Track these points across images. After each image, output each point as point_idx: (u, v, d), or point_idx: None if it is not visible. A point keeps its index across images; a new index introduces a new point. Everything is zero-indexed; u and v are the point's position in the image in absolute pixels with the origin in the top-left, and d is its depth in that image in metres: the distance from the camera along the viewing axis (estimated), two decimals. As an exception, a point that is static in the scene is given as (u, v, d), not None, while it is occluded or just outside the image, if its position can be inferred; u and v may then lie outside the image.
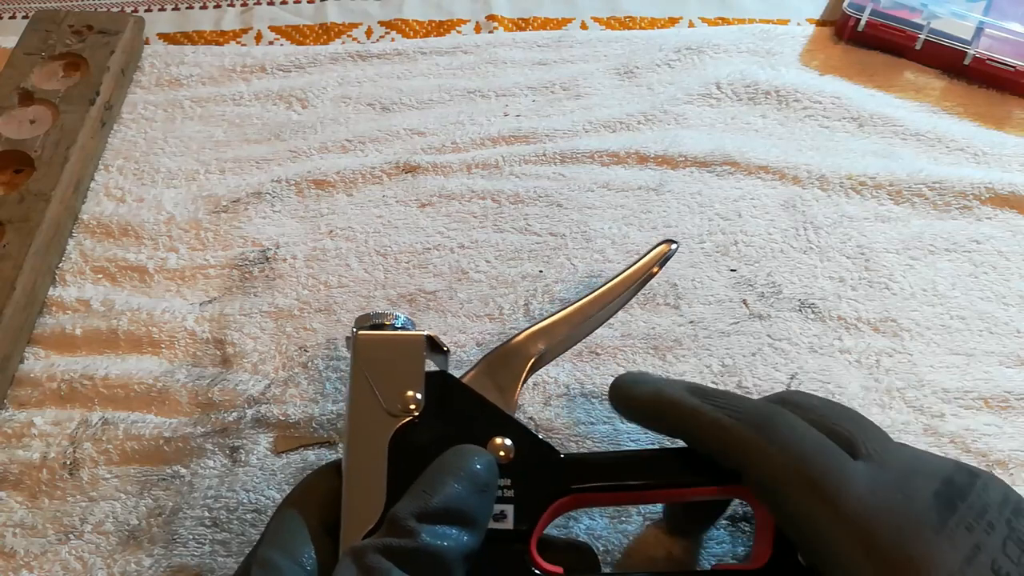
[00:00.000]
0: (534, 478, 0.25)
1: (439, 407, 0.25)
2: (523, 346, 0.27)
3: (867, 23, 0.45)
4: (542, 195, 0.40)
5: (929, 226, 0.39)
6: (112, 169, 0.42)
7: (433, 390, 0.25)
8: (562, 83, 0.45)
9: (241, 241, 0.39)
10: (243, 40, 0.48)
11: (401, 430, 0.25)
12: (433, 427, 0.25)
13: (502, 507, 0.24)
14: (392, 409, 0.25)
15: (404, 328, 0.27)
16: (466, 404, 0.26)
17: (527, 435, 0.25)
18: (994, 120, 0.43)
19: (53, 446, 0.33)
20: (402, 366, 0.26)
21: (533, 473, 0.25)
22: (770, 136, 0.42)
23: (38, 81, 0.42)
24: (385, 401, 0.25)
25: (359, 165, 0.41)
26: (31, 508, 0.31)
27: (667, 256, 0.30)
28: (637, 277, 0.29)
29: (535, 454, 0.25)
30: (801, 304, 0.36)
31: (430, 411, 0.25)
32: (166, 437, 0.33)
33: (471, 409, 0.26)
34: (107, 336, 0.36)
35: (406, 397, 0.25)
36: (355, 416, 0.25)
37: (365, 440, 0.25)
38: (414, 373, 0.26)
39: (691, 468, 0.25)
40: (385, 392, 0.25)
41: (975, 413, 0.33)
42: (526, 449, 0.25)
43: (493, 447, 0.25)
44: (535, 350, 0.27)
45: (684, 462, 0.25)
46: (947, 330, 0.35)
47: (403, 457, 0.24)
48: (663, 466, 0.25)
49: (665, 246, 0.30)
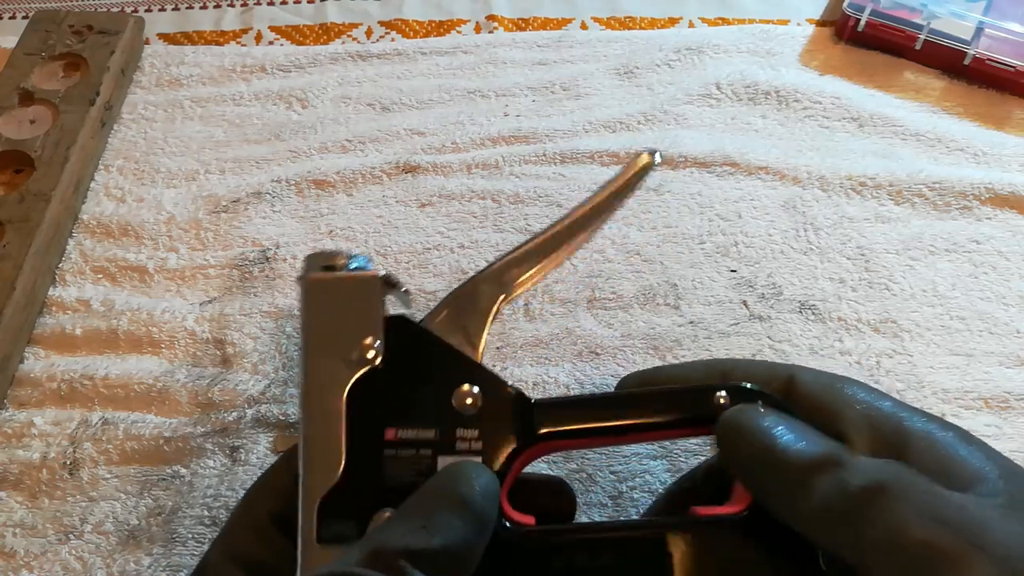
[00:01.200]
0: (503, 427, 0.23)
1: (400, 354, 0.23)
2: (489, 283, 0.25)
3: (867, 23, 0.45)
4: (542, 195, 0.40)
5: (929, 226, 0.39)
6: (112, 169, 0.42)
7: (393, 336, 0.24)
8: (562, 83, 0.45)
9: (241, 241, 0.39)
10: (243, 40, 0.48)
11: (360, 381, 0.23)
12: (394, 377, 0.23)
13: (470, 459, 0.23)
14: (348, 358, 0.23)
15: (360, 268, 0.25)
16: (429, 351, 0.24)
17: (495, 381, 0.24)
18: (994, 120, 0.43)
19: (53, 446, 0.33)
20: (357, 311, 0.24)
21: (502, 421, 0.23)
22: (770, 136, 0.42)
23: (38, 81, 0.42)
24: (340, 351, 0.23)
25: (359, 165, 0.41)
26: (31, 508, 0.31)
27: (649, 169, 0.27)
28: (616, 196, 0.26)
29: (504, 401, 0.24)
30: (801, 305, 0.36)
31: (390, 359, 0.23)
32: (166, 437, 0.33)
33: (434, 356, 0.24)
34: (107, 336, 0.36)
35: (363, 345, 0.23)
36: (310, 367, 0.23)
37: (321, 393, 0.23)
38: (371, 318, 0.24)
39: (664, 408, 0.24)
40: (340, 340, 0.23)
41: (975, 414, 0.33)
42: (494, 396, 0.23)
43: (460, 396, 0.23)
44: (502, 287, 0.25)
45: (657, 403, 0.24)
46: (947, 331, 0.35)
47: (363, 410, 0.23)
48: (636, 407, 0.24)
49: (647, 157, 0.27)
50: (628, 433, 0.24)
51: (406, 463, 0.23)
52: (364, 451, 0.23)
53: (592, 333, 0.35)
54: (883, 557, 0.19)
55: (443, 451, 0.23)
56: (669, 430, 0.24)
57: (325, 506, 0.22)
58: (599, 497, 0.31)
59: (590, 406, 0.25)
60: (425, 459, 0.23)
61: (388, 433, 0.23)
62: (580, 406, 0.25)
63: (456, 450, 0.23)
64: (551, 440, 0.24)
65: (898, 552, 0.19)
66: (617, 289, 0.37)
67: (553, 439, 0.24)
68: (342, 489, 0.22)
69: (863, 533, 0.19)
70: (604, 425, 0.24)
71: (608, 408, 0.24)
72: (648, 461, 0.32)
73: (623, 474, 0.32)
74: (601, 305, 0.36)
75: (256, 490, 0.25)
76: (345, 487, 0.22)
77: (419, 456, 0.23)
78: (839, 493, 0.20)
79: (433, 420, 0.23)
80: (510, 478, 0.24)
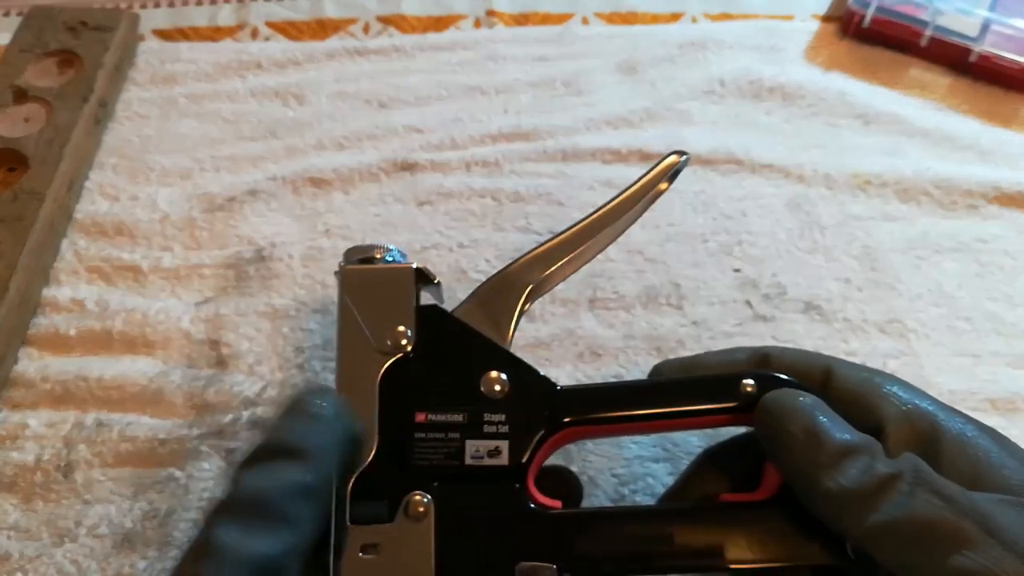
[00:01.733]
0: (530, 412, 0.24)
1: (431, 342, 0.24)
2: (518, 275, 0.26)
3: (872, 19, 0.44)
4: (543, 193, 0.39)
5: (935, 225, 0.38)
6: (106, 167, 0.41)
7: (424, 325, 0.25)
8: (563, 79, 0.44)
9: (236, 240, 0.38)
10: (239, 36, 0.47)
11: (392, 367, 0.24)
12: (425, 363, 0.24)
13: (497, 443, 0.23)
14: (382, 346, 0.24)
15: (396, 262, 0.26)
16: (459, 338, 0.25)
17: (522, 368, 0.25)
18: (1000, 118, 0.42)
19: (47, 448, 0.32)
20: (391, 300, 0.25)
21: (529, 407, 0.24)
22: (774, 134, 0.42)
23: (32, 78, 0.42)
24: (375, 338, 0.24)
25: (356, 163, 0.40)
26: (25, 511, 0.31)
27: (677, 169, 0.27)
28: (643, 194, 0.27)
29: (531, 387, 0.24)
30: (806, 305, 0.36)
31: (421, 347, 0.24)
32: (161, 439, 0.32)
33: (464, 343, 0.25)
34: (101, 337, 0.35)
35: (396, 332, 0.24)
36: (345, 354, 0.24)
37: (355, 379, 0.24)
38: (404, 307, 0.25)
39: (691, 397, 0.24)
40: (374, 328, 0.24)
41: (982, 415, 0.32)
42: (521, 383, 0.24)
43: (488, 382, 0.24)
44: (531, 279, 0.26)
45: (682, 391, 0.25)
46: (953, 331, 0.35)
47: (395, 395, 0.24)
48: (663, 395, 0.25)
49: (675, 157, 0.27)
50: (654, 421, 0.25)
51: (435, 446, 0.23)
52: (395, 434, 0.24)
53: (594, 334, 0.35)
54: (888, 538, 0.19)
55: (471, 435, 0.24)
56: (696, 418, 0.24)
57: (357, 487, 0.23)
58: (600, 500, 0.31)
59: (616, 394, 0.25)
60: (453, 442, 0.24)
61: (418, 417, 0.24)
62: (606, 394, 0.25)
63: (484, 433, 0.24)
64: (577, 426, 0.24)
65: (903, 531, 0.19)
66: (619, 289, 0.36)
67: (579, 425, 0.24)
68: (374, 471, 0.23)
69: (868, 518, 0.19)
70: (630, 413, 0.24)
71: (634, 396, 0.25)
72: (650, 464, 0.32)
73: (625, 477, 0.31)
74: (603, 305, 0.36)
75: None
76: (377, 469, 0.23)
77: (447, 439, 0.24)
78: (864, 478, 0.20)
79: (461, 405, 0.24)
80: (536, 463, 0.24)
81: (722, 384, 0.24)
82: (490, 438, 0.23)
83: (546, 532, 0.23)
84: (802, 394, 0.23)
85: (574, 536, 0.23)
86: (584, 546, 0.23)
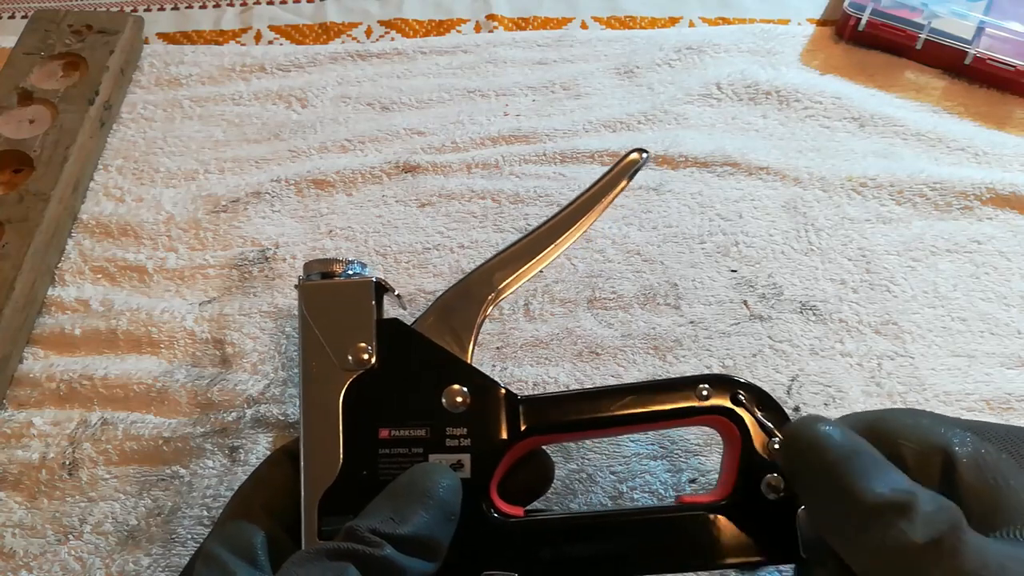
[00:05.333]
0: (491, 424, 0.24)
1: (392, 357, 0.25)
2: (477, 286, 0.26)
3: (868, 23, 0.45)
4: (542, 195, 0.40)
5: (930, 227, 0.39)
6: (111, 169, 0.42)
7: (385, 340, 0.25)
8: (562, 83, 0.45)
9: (240, 241, 0.39)
10: (242, 40, 0.48)
11: (354, 383, 0.24)
12: (387, 378, 0.24)
13: (459, 456, 0.24)
14: (343, 363, 0.24)
15: (356, 274, 0.25)
16: (420, 353, 0.25)
17: (483, 381, 0.25)
18: (995, 120, 0.43)
19: (52, 446, 0.33)
20: (352, 315, 0.25)
21: (490, 419, 0.24)
22: (771, 136, 0.42)
23: (37, 81, 0.42)
24: (336, 354, 0.24)
25: (359, 165, 0.41)
26: (30, 508, 0.31)
27: (636, 167, 0.27)
28: (604, 193, 0.27)
29: (492, 399, 0.25)
30: (802, 306, 0.36)
31: (383, 362, 0.24)
32: (165, 437, 0.32)
33: (425, 358, 0.25)
34: (106, 336, 0.36)
35: (358, 348, 0.24)
36: (307, 372, 0.24)
37: (319, 396, 0.24)
38: (365, 322, 0.25)
39: (647, 400, 0.25)
40: (335, 345, 0.24)
41: (977, 416, 0.33)
42: (483, 395, 0.24)
43: (449, 395, 0.24)
44: (491, 289, 0.26)
45: (641, 395, 0.25)
46: (948, 332, 0.35)
47: (359, 411, 0.24)
48: (620, 400, 0.25)
49: (635, 155, 0.27)
50: (612, 425, 0.25)
51: (400, 461, 0.24)
52: (360, 450, 0.24)
53: (592, 333, 0.35)
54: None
55: (434, 449, 0.24)
56: (654, 422, 0.25)
57: (325, 503, 0.23)
58: (599, 497, 0.31)
59: (575, 400, 0.25)
60: (417, 457, 0.24)
61: (382, 433, 0.24)
62: (565, 401, 0.25)
63: (447, 447, 0.24)
64: (537, 435, 0.25)
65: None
66: (617, 289, 0.37)
67: (539, 433, 0.25)
68: (340, 487, 0.23)
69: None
70: (587, 418, 0.25)
71: (592, 401, 0.25)
72: (648, 461, 0.32)
73: (623, 474, 0.32)
74: (601, 305, 0.36)
75: (250, 482, 0.25)
76: (343, 485, 0.23)
77: (411, 454, 0.24)
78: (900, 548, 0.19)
79: (424, 419, 0.24)
80: (499, 472, 0.24)
81: (678, 387, 0.25)
82: (453, 451, 0.24)
83: (508, 541, 0.24)
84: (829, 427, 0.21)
85: (535, 544, 0.23)
86: (545, 554, 0.23)
